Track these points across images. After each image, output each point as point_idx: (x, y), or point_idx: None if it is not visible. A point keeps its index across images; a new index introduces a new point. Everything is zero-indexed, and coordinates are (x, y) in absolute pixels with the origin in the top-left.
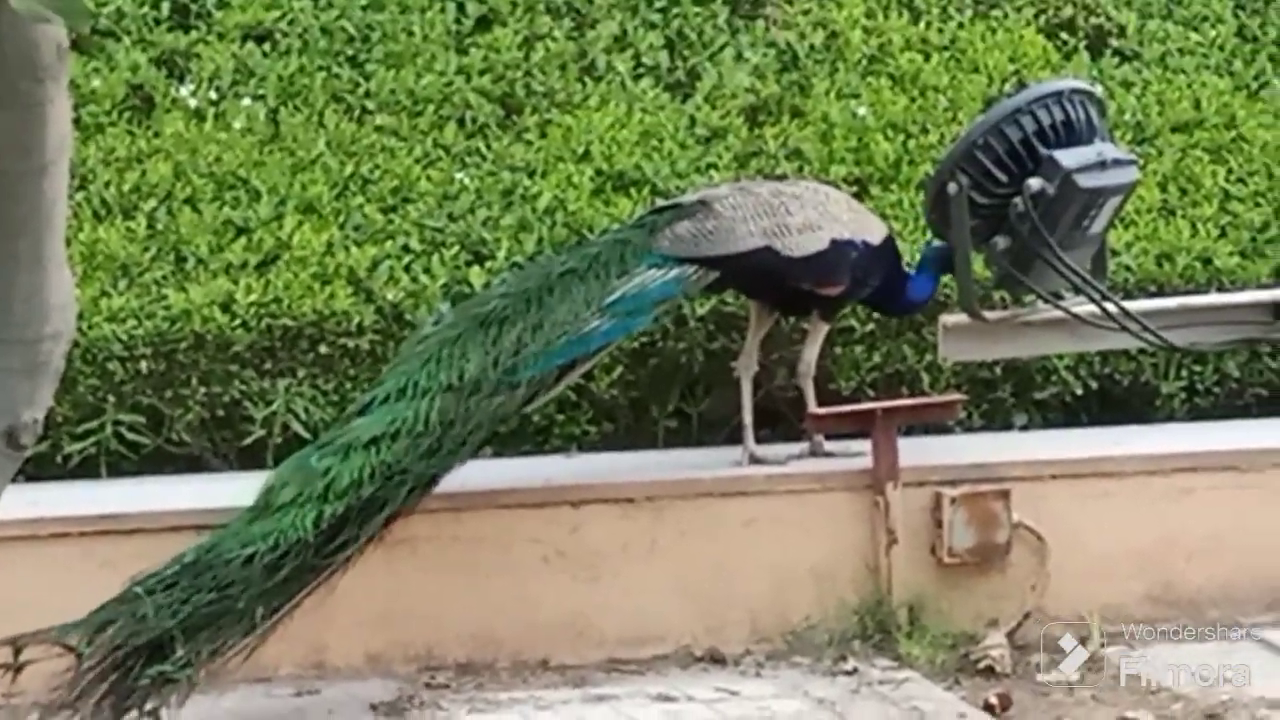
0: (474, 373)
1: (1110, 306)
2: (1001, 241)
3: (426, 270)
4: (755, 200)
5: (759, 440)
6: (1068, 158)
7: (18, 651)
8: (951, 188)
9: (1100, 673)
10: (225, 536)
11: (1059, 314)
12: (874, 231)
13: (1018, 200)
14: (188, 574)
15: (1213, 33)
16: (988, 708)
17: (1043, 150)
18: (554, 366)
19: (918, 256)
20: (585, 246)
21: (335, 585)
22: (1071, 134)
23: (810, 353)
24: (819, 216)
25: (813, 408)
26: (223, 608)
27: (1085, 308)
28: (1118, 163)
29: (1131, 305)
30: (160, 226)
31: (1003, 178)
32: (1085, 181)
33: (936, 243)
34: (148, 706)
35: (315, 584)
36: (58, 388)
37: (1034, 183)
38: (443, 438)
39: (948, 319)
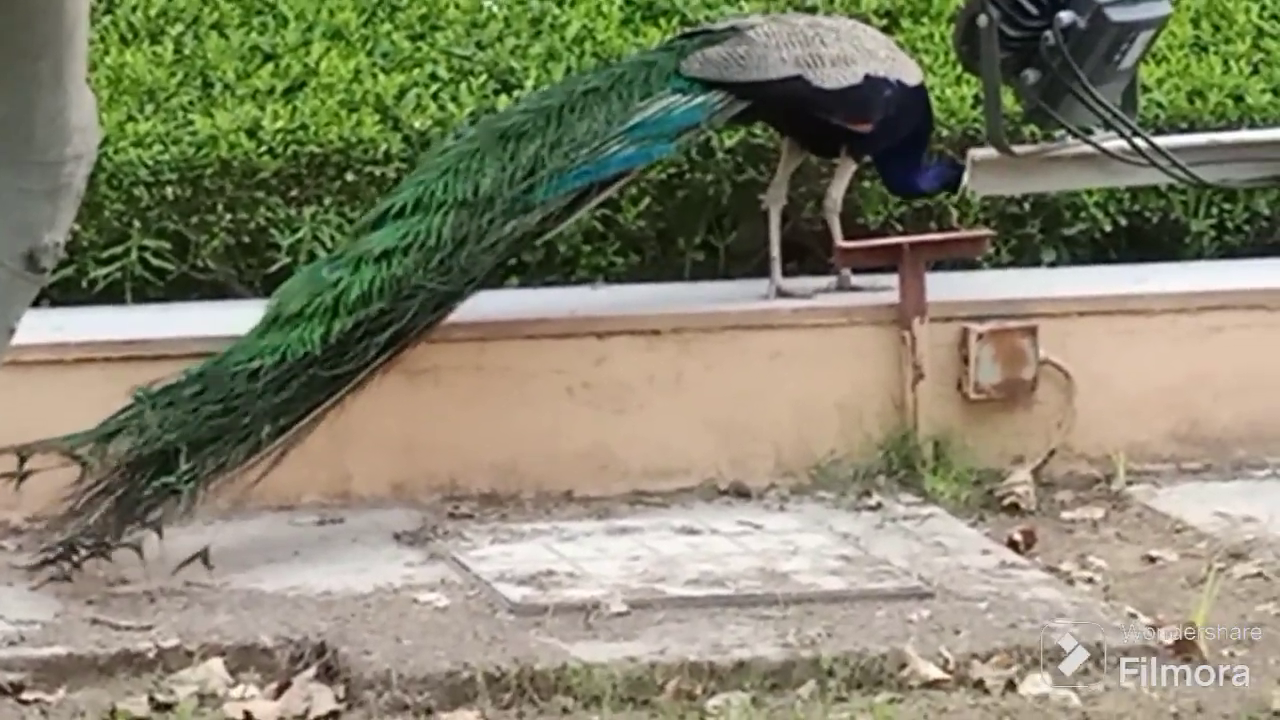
0: (489, 189)
1: (1140, 142)
2: (1031, 75)
3: (454, 98)
4: (789, 29)
5: (786, 274)
6: None
7: (23, 460)
8: (981, 20)
9: (1125, 511)
10: (234, 350)
11: (1089, 149)
12: (910, 74)
13: (1048, 33)
14: (193, 386)
15: None
16: (1012, 544)
17: None
18: (570, 189)
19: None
20: (610, 66)
21: (346, 407)
22: None
23: (837, 189)
24: (854, 50)
25: (840, 242)
26: (228, 423)
27: (1115, 143)
28: None
29: (1162, 141)
30: (187, 51)
31: (1033, 10)
32: (1116, 15)
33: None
34: (150, 517)
35: (324, 405)
36: (83, 212)
37: (1065, 15)
38: (455, 255)
39: (976, 153)
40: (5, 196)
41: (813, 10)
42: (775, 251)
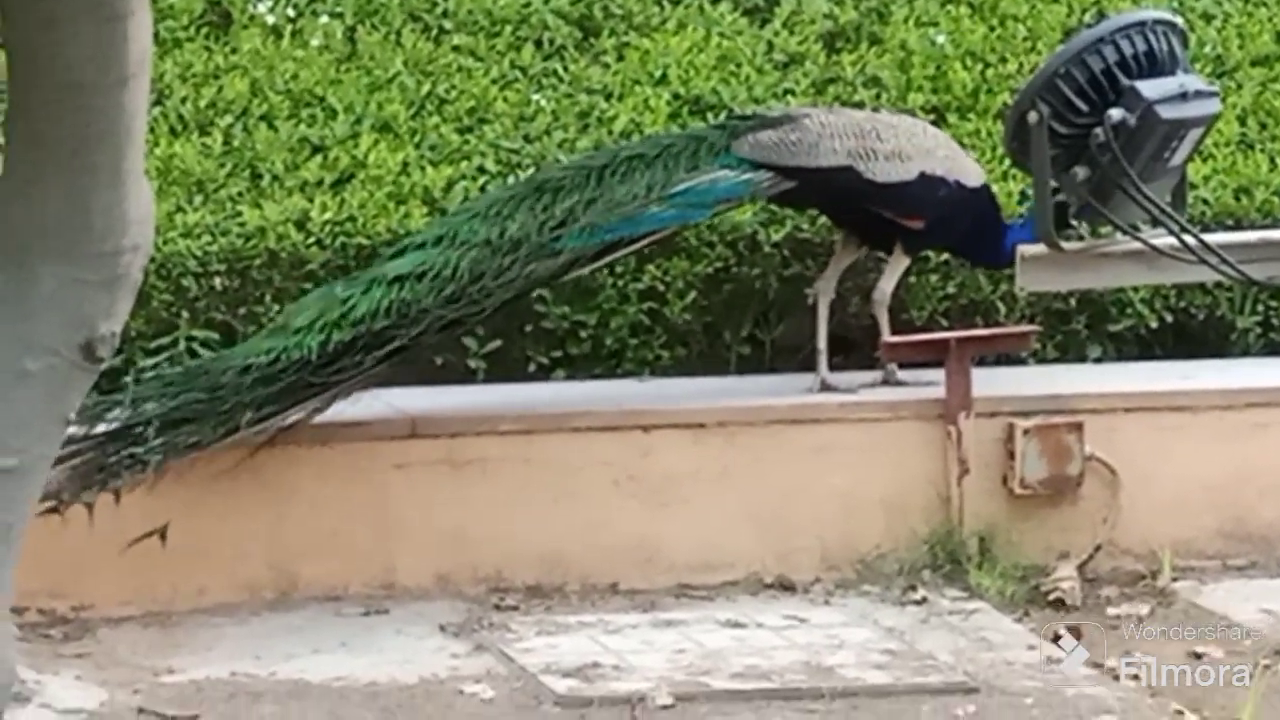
0: (516, 233)
1: (1189, 239)
2: (1081, 172)
3: None
4: (846, 121)
5: (832, 368)
6: (1149, 88)
7: None
8: (1032, 116)
9: (1170, 607)
10: (236, 350)
11: (1137, 246)
12: (970, 175)
13: (1098, 130)
14: (185, 375)
15: None
16: (1057, 640)
17: (1124, 80)
18: (599, 241)
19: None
20: (660, 137)
21: (334, 402)
22: (1154, 65)
23: (888, 283)
24: (911, 148)
25: (887, 336)
26: (208, 408)
27: (1164, 240)
28: (1199, 94)
29: (1210, 238)
30: (236, 143)
31: (1084, 107)
32: (1167, 112)
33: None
34: (112, 484)
35: (311, 402)
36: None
37: (1115, 113)
38: (468, 288)
39: (1025, 249)
40: (63, 287)
41: (859, 106)
42: (822, 344)
